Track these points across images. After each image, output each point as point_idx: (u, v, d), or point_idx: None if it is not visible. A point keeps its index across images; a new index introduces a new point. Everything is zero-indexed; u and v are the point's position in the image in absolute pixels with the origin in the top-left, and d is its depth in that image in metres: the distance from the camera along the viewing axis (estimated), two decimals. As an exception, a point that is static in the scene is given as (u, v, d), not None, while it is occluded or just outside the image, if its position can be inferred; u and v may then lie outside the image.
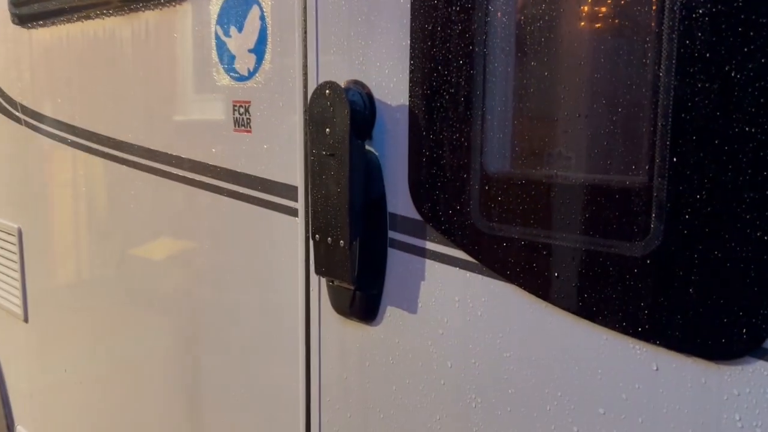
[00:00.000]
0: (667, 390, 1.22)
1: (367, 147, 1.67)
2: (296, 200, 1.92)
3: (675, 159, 1.15)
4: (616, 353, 1.28)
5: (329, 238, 1.69)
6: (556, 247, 1.33)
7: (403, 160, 1.60)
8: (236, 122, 2.09)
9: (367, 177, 1.66)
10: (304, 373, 1.96)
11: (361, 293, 1.72)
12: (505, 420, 1.47)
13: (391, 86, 1.61)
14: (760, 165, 1.07)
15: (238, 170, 2.10)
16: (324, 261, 1.73)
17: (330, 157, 1.65)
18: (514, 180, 1.39)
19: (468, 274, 1.51)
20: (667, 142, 1.16)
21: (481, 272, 1.48)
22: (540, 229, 1.35)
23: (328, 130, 1.64)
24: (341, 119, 1.60)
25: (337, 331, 1.84)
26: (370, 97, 1.65)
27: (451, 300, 1.55)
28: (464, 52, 1.43)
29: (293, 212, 1.93)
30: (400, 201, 1.63)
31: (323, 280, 1.85)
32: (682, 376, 1.20)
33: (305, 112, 1.84)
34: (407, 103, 1.56)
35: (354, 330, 1.80)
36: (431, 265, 1.58)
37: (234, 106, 2.09)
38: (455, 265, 1.53)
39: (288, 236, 1.95)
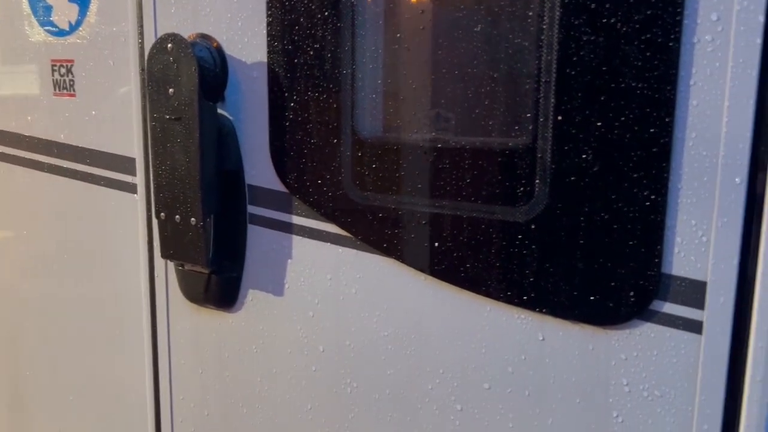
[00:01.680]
0: (554, 359, 1.18)
1: (220, 111, 1.46)
2: (134, 174, 1.67)
3: (559, 117, 1.09)
4: (500, 325, 1.22)
5: (177, 216, 1.47)
6: (436, 215, 1.24)
7: (263, 125, 1.42)
8: (56, 85, 1.78)
9: (220, 144, 1.46)
10: (152, 369, 1.73)
11: (218, 277, 1.53)
12: (384, 403, 1.37)
13: (246, 41, 1.42)
14: (647, 122, 1.03)
15: (62, 141, 1.80)
16: (172, 242, 1.51)
17: (175, 122, 1.43)
18: (389, 145, 1.27)
19: (340, 249, 1.37)
20: (551, 100, 1.10)
21: (354, 246, 1.35)
22: (418, 198, 1.25)
23: (171, 90, 1.42)
24: (188, 78, 1.38)
25: (190, 320, 1.63)
26: (220, 53, 1.45)
27: (322, 278, 1.41)
28: (331, 1, 1.28)
29: (131, 188, 1.68)
30: (260, 171, 1.45)
31: (171, 265, 1.63)
32: (568, 344, 1.16)
33: (142, 70, 1.59)
34: (266, 60, 1.39)
35: (209, 318, 1.60)
36: (299, 242, 1.43)
37: (53, 65, 1.77)
38: (326, 240, 1.39)
39: (126, 216, 1.70)
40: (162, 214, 1.50)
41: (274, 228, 1.46)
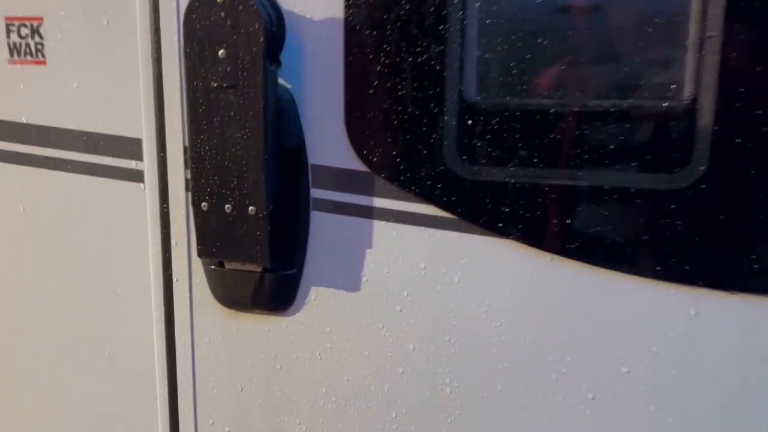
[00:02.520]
0: (708, 333, 1.11)
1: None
2: (140, 158, 1.37)
3: (725, 75, 1.02)
4: (644, 303, 1.13)
5: (228, 206, 1.22)
6: (571, 188, 1.11)
7: (334, 94, 1.21)
8: (14, 50, 1.41)
9: (278, 118, 1.22)
10: (166, 392, 1.44)
11: (273, 275, 1.29)
12: (494, 400, 1.23)
13: (311, -7, 1.19)
14: (824, 77, 0.98)
15: (24, 122, 1.43)
16: (217, 237, 1.25)
17: (228, 91, 1.17)
18: (511, 111, 1.12)
19: (439, 233, 1.21)
20: (717, 56, 1.01)
21: (458, 229, 1.20)
22: (547, 170, 1.12)
23: (222, 52, 1.16)
24: (250, 36, 1.14)
25: (223, 329, 1.38)
26: (276, 8, 1.21)
27: (413, 267, 1.23)
28: (435, -55, 1.10)
29: (135, 176, 1.38)
30: (328, 149, 1.24)
31: (197, 265, 1.36)
32: (725, 316, 1.09)
33: (156, 30, 1.29)
34: (342, 17, 1.17)
35: (252, 325, 1.36)
36: (381, 227, 1.23)
37: (8, 25, 1.40)
38: (419, 224, 1.21)
39: (129, 210, 1.39)
40: (203, 204, 1.24)
41: (346, 213, 1.25)
